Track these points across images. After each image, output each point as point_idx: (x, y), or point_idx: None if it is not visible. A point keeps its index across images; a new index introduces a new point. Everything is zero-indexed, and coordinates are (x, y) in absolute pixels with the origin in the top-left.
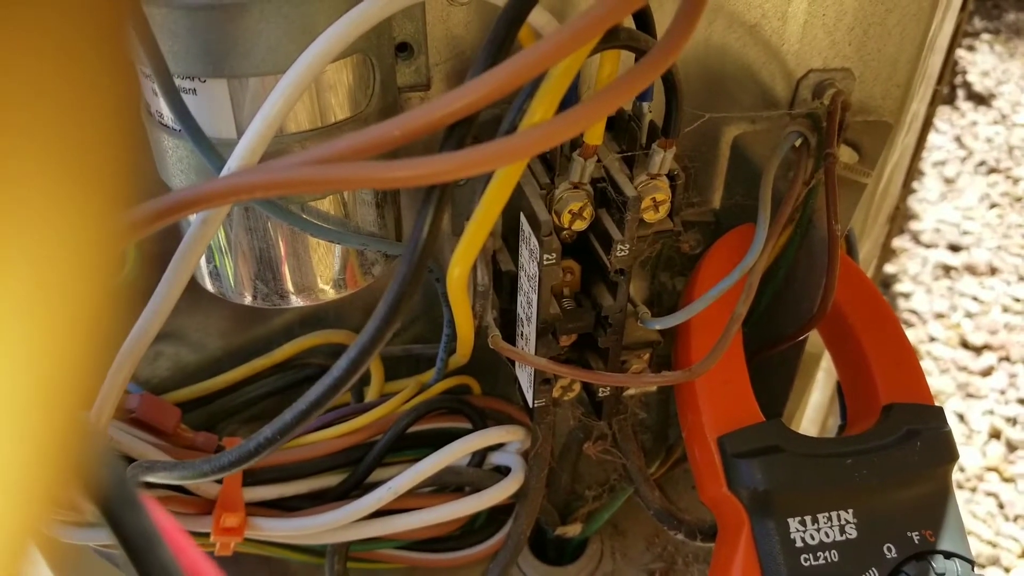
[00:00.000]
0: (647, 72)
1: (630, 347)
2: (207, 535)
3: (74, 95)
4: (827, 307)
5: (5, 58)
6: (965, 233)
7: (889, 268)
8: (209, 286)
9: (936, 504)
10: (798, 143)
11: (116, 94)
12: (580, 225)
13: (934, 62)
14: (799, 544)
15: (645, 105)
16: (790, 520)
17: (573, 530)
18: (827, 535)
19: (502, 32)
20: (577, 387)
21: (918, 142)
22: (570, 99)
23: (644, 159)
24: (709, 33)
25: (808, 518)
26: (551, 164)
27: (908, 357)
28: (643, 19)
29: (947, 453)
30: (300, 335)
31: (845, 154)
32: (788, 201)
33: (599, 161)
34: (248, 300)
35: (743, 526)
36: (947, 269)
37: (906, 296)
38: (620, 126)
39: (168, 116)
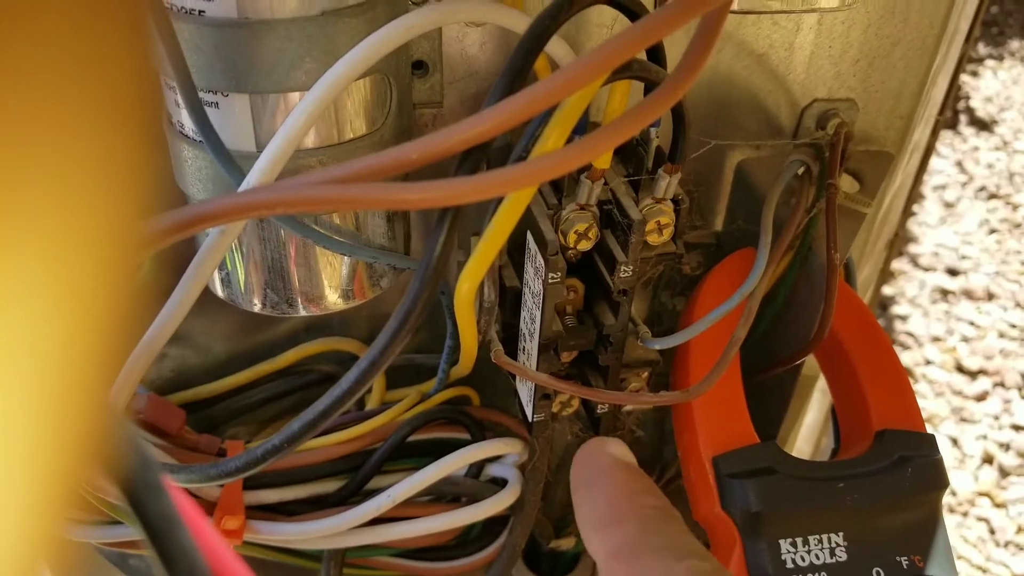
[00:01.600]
0: (658, 105)
1: (629, 365)
2: None
3: (93, 100)
4: (824, 333)
5: (22, 64)
6: (963, 258)
7: (887, 290)
8: (219, 292)
9: (926, 530)
10: (800, 171)
11: (135, 100)
12: (585, 245)
13: (937, 92)
14: (790, 565)
15: (653, 131)
16: (781, 541)
17: (567, 544)
18: (817, 557)
19: (519, 61)
20: (576, 403)
21: (919, 169)
22: (580, 123)
23: (650, 183)
24: (717, 61)
25: (799, 540)
26: (559, 185)
27: (902, 384)
28: (653, 49)
29: (938, 480)
30: (305, 341)
31: (846, 183)
32: (789, 228)
33: (606, 184)
34: (257, 307)
35: (735, 546)
36: (944, 293)
37: (903, 319)
38: (627, 150)
39: (189, 127)
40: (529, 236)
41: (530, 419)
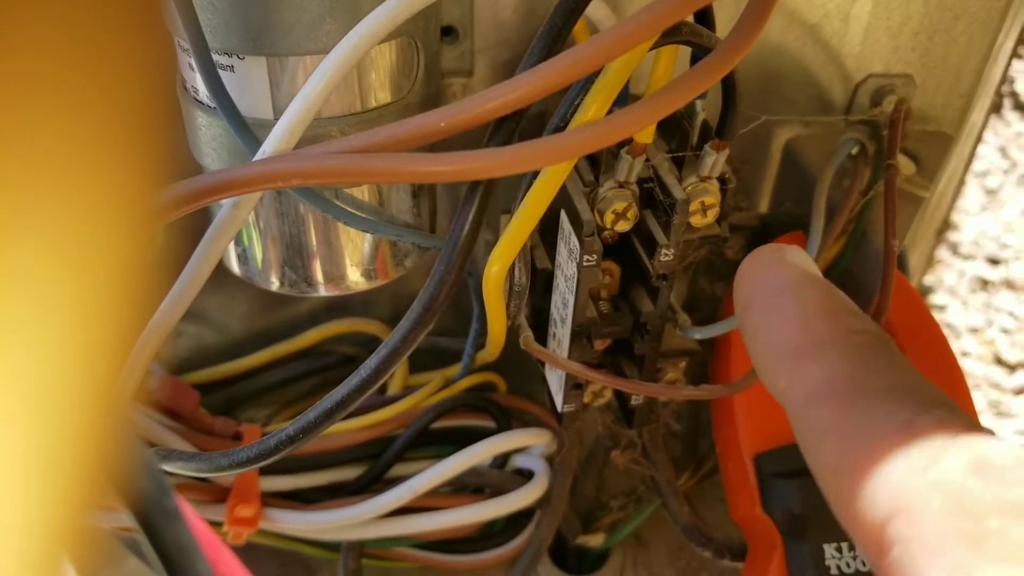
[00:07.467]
0: (712, 72)
1: (667, 355)
2: (220, 524)
3: (106, 65)
4: (880, 323)
5: (33, 28)
6: (1005, 247)
7: (925, 279)
8: (236, 269)
9: None
10: (855, 151)
11: (150, 65)
12: (623, 226)
13: (995, 72)
14: (833, 571)
15: (699, 103)
16: (826, 546)
17: (595, 540)
18: (863, 563)
19: (559, 21)
20: (608, 393)
21: (971, 153)
22: (619, 96)
23: (694, 160)
24: (766, 31)
25: (844, 544)
26: (596, 161)
27: (957, 382)
28: (703, 13)
29: None
30: (325, 322)
31: (903, 165)
32: (843, 211)
33: (647, 160)
34: (275, 286)
35: (775, 549)
36: (984, 283)
37: (941, 308)
38: (671, 124)
39: (203, 92)
40: (563, 215)
41: (560, 409)
